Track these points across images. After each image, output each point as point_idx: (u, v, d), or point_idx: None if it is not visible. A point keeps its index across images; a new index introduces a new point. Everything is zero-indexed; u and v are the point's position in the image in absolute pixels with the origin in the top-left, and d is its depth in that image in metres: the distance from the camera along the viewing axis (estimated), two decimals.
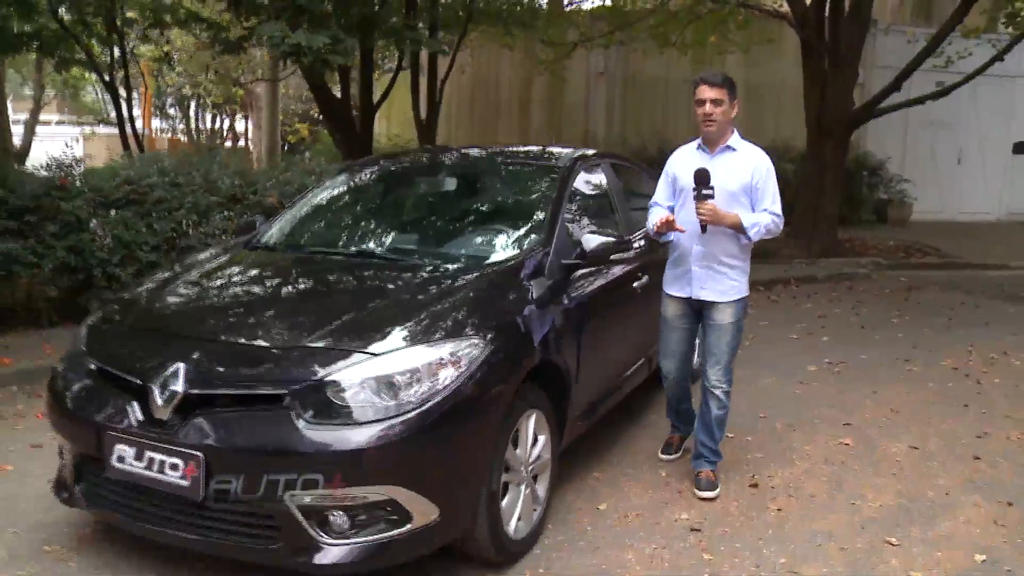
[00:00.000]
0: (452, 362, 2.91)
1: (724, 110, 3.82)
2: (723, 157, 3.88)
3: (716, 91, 3.79)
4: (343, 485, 2.70)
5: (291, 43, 7.19)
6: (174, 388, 2.87)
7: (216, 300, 3.57)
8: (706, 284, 3.88)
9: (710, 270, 3.87)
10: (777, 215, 3.84)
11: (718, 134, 3.87)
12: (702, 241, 3.82)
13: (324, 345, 2.93)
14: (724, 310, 3.89)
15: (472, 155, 4.88)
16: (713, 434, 4.04)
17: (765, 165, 3.87)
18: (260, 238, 4.29)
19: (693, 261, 3.88)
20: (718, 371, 3.97)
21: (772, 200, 3.85)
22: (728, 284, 3.89)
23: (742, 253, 3.92)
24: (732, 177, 3.82)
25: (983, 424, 5.08)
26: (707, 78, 3.84)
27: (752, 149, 3.93)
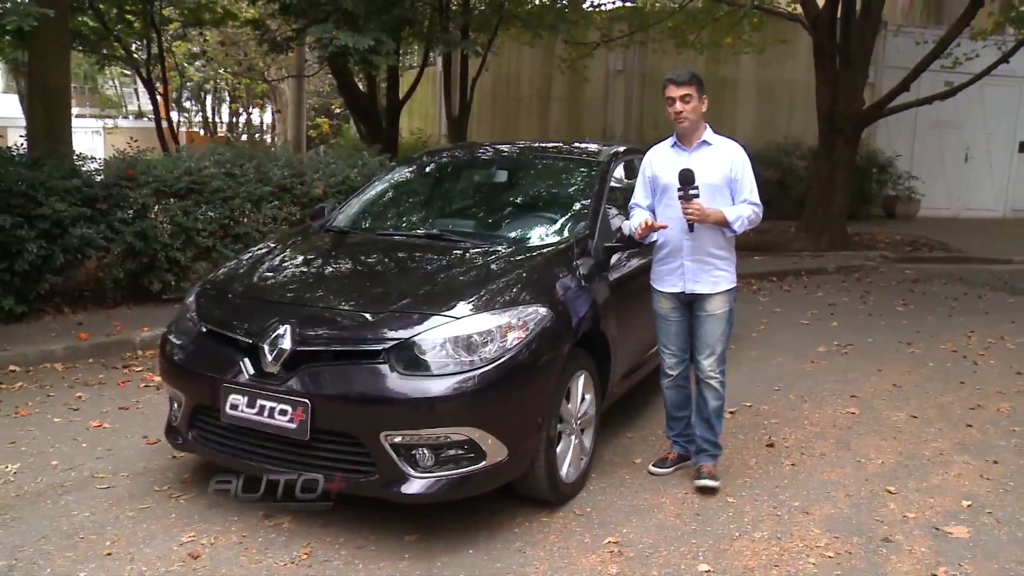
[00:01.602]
0: (519, 326, 3.44)
1: (694, 106, 3.93)
2: (701, 152, 3.99)
3: (684, 88, 3.91)
4: (430, 426, 3.24)
5: (339, 44, 7.71)
6: (283, 346, 3.41)
7: (308, 273, 4.12)
8: (699, 278, 3.95)
9: (701, 263, 3.95)
10: (756, 204, 3.97)
11: (691, 130, 3.97)
12: (691, 236, 3.91)
13: (412, 310, 3.46)
14: (716, 300, 3.97)
15: (520, 150, 5.40)
16: (713, 427, 4.10)
17: (742, 157, 3.99)
18: (332, 222, 4.83)
19: (685, 256, 3.96)
20: (712, 361, 4.01)
21: (751, 190, 3.98)
22: (718, 275, 3.97)
23: (728, 244, 4.03)
24: (713, 171, 3.92)
25: (976, 398, 5.59)
26: (673, 78, 3.96)
27: (727, 142, 4.06)
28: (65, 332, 6.36)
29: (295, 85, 17.71)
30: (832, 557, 3.38)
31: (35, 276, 6.44)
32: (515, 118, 16.58)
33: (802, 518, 3.74)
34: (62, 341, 6.16)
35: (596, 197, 4.51)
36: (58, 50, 7.59)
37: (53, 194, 6.41)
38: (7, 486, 3.93)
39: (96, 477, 4.05)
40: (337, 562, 3.28)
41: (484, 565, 3.28)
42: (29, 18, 5.80)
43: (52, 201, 6.36)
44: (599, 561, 3.32)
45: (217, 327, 3.71)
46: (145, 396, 5.33)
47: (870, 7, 11.26)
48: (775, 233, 12.82)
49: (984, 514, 3.81)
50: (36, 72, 7.79)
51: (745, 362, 6.35)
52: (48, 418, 4.86)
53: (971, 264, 11.94)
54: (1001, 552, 3.46)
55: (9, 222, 6.10)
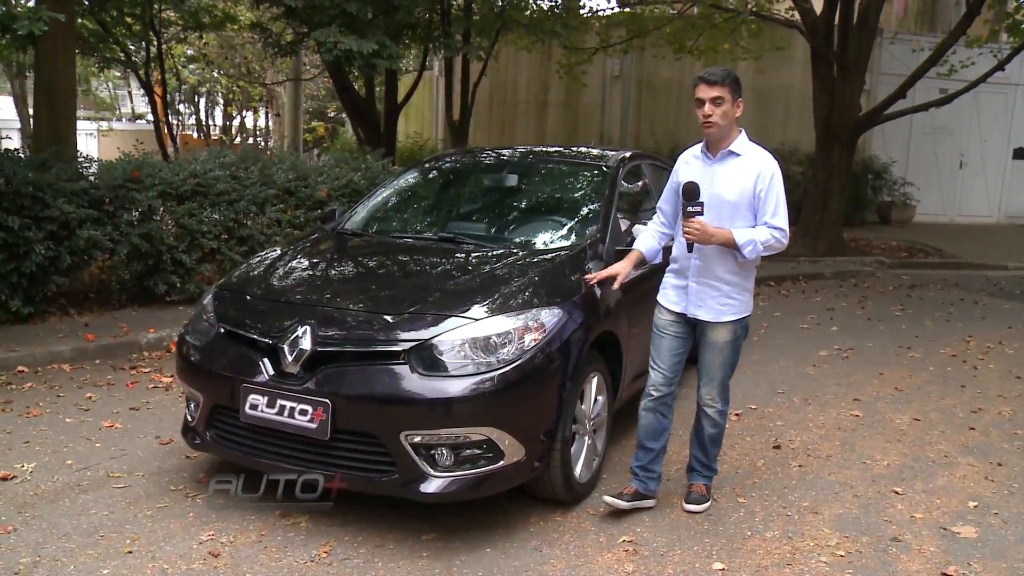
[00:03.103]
0: (536, 327, 3.49)
1: (725, 110, 3.49)
2: (726, 163, 3.59)
3: (716, 89, 3.47)
4: (450, 425, 3.28)
5: (343, 48, 7.76)
6: (303, 346, 3.45)
7: (324, 275, 4.17)
8: (703, 302, 3.63)
9: (707, 287, 3.62)
10: (779, 229, 3.50)
11: (719, 136, 3.56)
12: (696, 256, 3.59)
13: (432, 311, 3.51)
14: (720, 330, 3.65)
15: (529, 154, 5.45)
16: (707, 450, 3.88)
17: (770, 171, 3.52)
18: (344, 225, 4.88)
19: (691, 276, 3.64)
20: (712, 390, 3.76)
21: (774, 211, 3.50)
22: (726, 303, 3.62)
23: (743, 270, 3.63)
24: (732, 185, 3.53)
25: (978, 401, 5.66)
26: (706, 76, 3.52)
27: (759, 153, 3.60)
28: (72, 333, 6.39)
29: (292, 89, 17.74)
30: (843, 556, 3.44)
31: (42, 277, 6.47)
32: (512, 123, 16.66)
33: (812, 518, 3.79)
34: (69, 342, 6.18)
35: (607, 201, 4.56)
36: (64, 53, 7.62)
37: (60, 196, 6.44)
38: (25, 485, 3.95)
39: (112, 476, 4.09)
40: (357, 560, 3.32)
41: (502, 563, 3.33)
42: (40, 23, 5.83)
43: (59, 203, 6.39)
44: (615, 560, 3.37)
45: (236, 328, 3.75)
46: (155, 397, 5.36)
47: (867, 15, 11.39)
48: None
49: (991, 515, 3.87)
50: (43, 74, 7.82)
51: (748, 366, 6.40)
52: (60, 418, 4.88)
53: (966, 270, 12.08)
54: (1009, 551, 3.52)
55: (17, 223, 6.12)
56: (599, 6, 14.12)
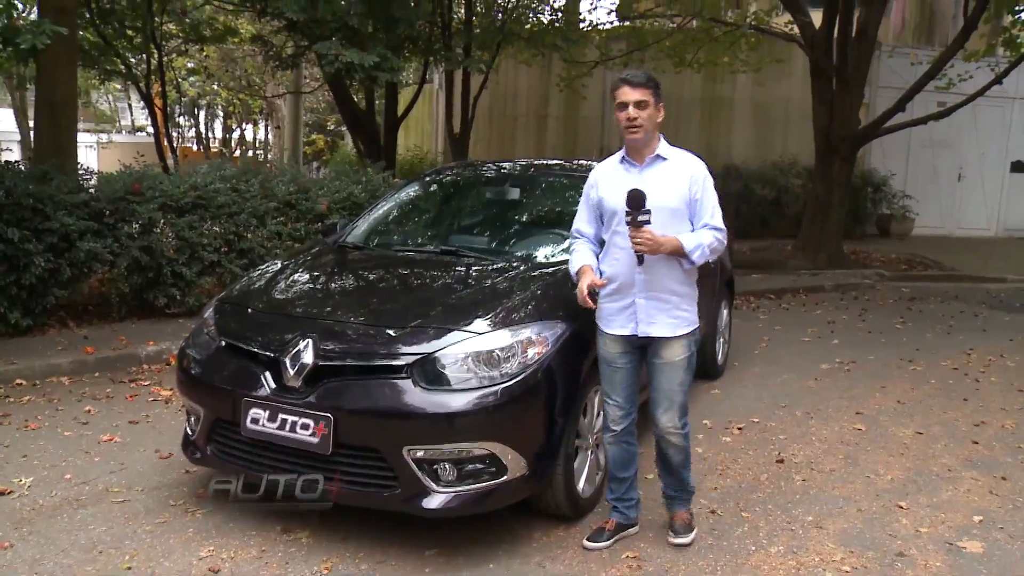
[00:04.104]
0: (540, 341, 3.47)
1: (650, 114, 3.35)
2: (654, 169, 3.42)
3: (640, 92, 3.34)
4: (452, 440, 3.26)
5: (344, 61, 7.78)
6: (305, 360, 3.43)
7: (325, 288, 4.16)
8: (654, 318, 3.39)
9: (657, 301, 3.39)
10: (719, 229, 3.41)
11: (644, 142, 3.40)
12: (642, 270, 3.34)
13: (434, 325, 3.49)
14: (675, 345, 3.42)
15: (529, 167, 5.44)
16: (680, 475, 3.64)
17: (702, 173, 3.43)
18: (345, 238, 4.87)
19: (637, 292, 3.39)
20: (672, 415, 3.47)
21: (712, 213, 3.41)
22: (678, 316, 3.43)
23: (689, 278, 3.47)
24: (669, 191, 3.37)
25: (980, 415, 5.64)
26: (629, 78, 3.38)
27: (685, 156, 3.48)
28: (71, 346, 6.37)
29: (292, 102, 17.77)
30: (849, 571, 3.41)
31: (42, 290, 6.46)
32: (512, 136, 16.69)
33: (816, 533, 3.77)
34: (68, 355, 6.16)
35: None
36: (66, 65, 7.63)
37: (61, 208, 6.43)
38: (23, 499, 3.93)
39: (111, 491, 4.06)
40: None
41: None
42: (43, 36, 5.84)
43: (60, 215, 6.38)
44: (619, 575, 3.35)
45: (237, 341, 3.73)
46: (154, 410, 5.34)
47: (866, 28, 11.42)
48: (772, 251, 12.94)
49: (996, 529, 3.85)
50: (44, 87, 7.83)
51: (749, 379, 6.40)
52: (59, 432, 4.86)
53: (966, 282, 12.06)
54: (1016, 567, 3.49)
55: (17, 235, 6.11)
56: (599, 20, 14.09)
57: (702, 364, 5.85)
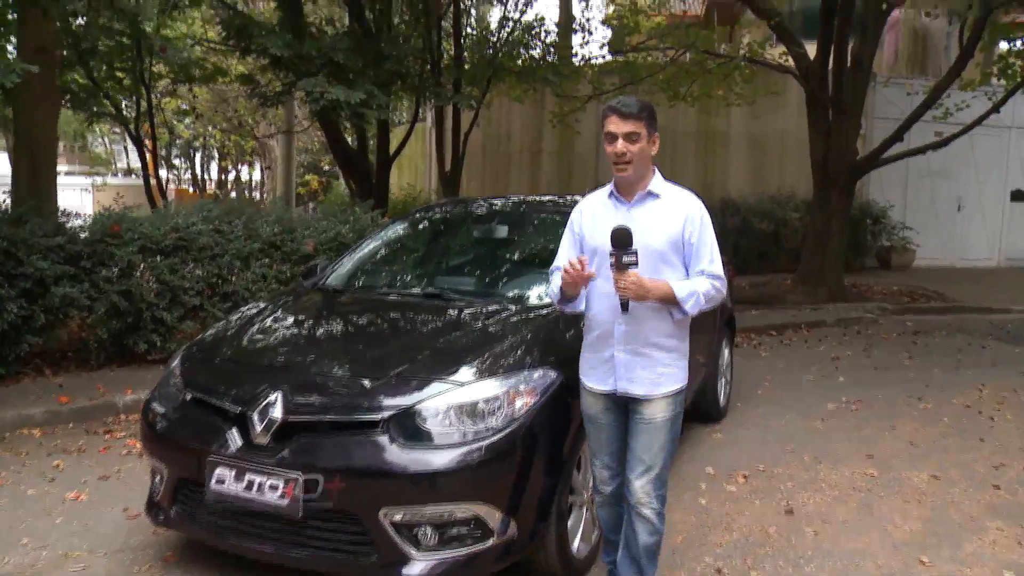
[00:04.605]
0: (528, 391, 3.21)
1: (641, 148, 2.99)
2: (644, 207, 3.05)
3: (631, 123, 2.95)
4: (433, 501, 2.99)
5: (330, 98, 7.60)
6: (273, 415, 3.17)
7: (300, 336, 3.90)
8: (634, 374, 3.01)
9: (638, 356, 3.00)
10: (717, 277, 3.01)
11: (635, 178, 3.03)
12: (625, 319, 2.97)
13: (413, 376, 3.23)
14: (657, 405, 3.02)
15: (518, 204, 5.21)
16: (641, 566, 3.14)
17: (699, 213, 3.04)
18: (326, 281, 4.62)
19: (616, 344, 3.02)
20: (647, 483, 3.02)
21: (710, 259, 3.02)
22: (662, 372, 3.02)
23: (678, 331, 3.06)
24: (657, 231, 2.99)
25: (999, 456, 5.36)
26: (619, 107, 2.99)
27: (680, 194, 3.11)
28: (45, 395, 6.09)
29: (284, 141, 17.65)
30: None
31: (14, 337, 6.20)
32: (505, 172, 16.52)
33: None
34: (41, 405, 5.88)
35: None
36: (46, 106, 7.45)
37: (35, 252, 6.19)
38: None
39: (71, 556, 3.77)
40: None
41: None
42: (12, 75, 5.64)
43: (34, 259, 6.14)
44: None
45: (203, 394, 3.47)
46: (127, 464, 5.05)
47: (861, 57, 11.29)
48: (772, 286, 12.71)
49: None
50: (22, 127, 7.65)
51: (753, 421, 6.12)
52: (22, 489, 4.57)
53: (970, 314, 11.82)
54: None
55: None
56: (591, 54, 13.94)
57: (704, 407, 5.65)
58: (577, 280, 2.93)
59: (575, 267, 2.90)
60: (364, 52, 8.29)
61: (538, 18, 12.46)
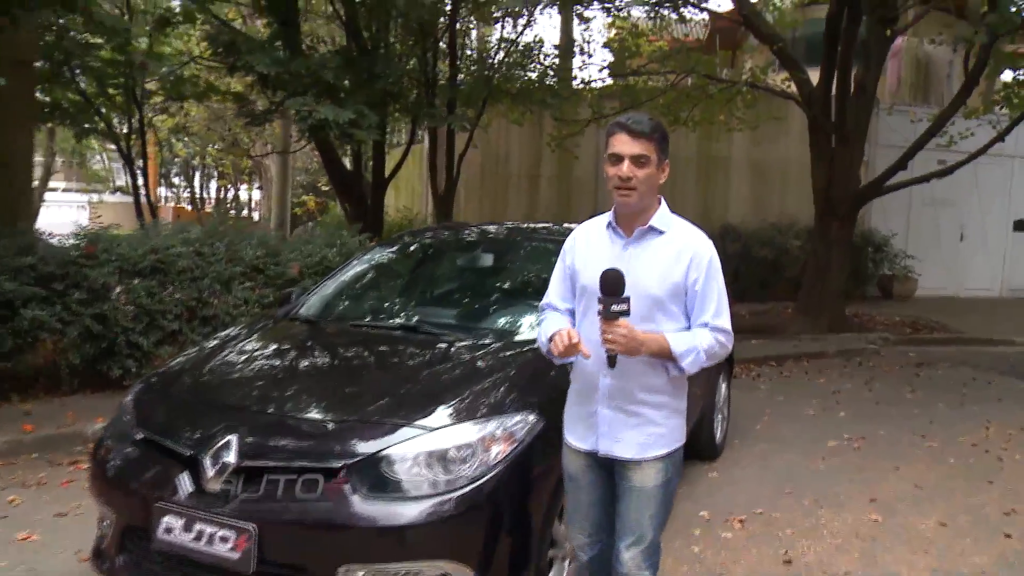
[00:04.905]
0: (505, 437, 2.95)
1: (649, 174, 2.58)
2: (645, 244, 2.65)
3: (641, 144, 2.56)
4: (398, 558, 2.72)
5: (318, 117, 7.38)
6: (227, 460, 2.90)
7: (264, 372, 3.63)
8: (619, 434, 2.64)
9: (624, 414, 2.63)
10: (723, 331, 2.63)
11: (638, 207, 2.64)
12: (611, 373, 2.58)
13: (380, 419, 2.98)
14: (646, 470, 2.65)
15: (508, 231, 4.97)
16: None
17: (707, 256, 2.63)
18: (299, 309, 4.36)
19: (600, 400, 2.65)
20: (636, 554, 2.67)
21: (716, 310, 2.62)
22: (652, 433, 2.64)
23: (673, 388, 2.68)
24: (655, 274, 2.61)
25: (1010, 501, 5.08)
26: (629, 124, 2.58)
27: (689, 231, 2.70)
28: (9, 423, 5.82)
29: (280, 161, 17.46)
30: None
31: None
32: (504, 197, 16.31)
33: None
34: (3, 434, 5.61)
35: None
36: (20, 121, 7.21)
37: (2, 273, 5.95)
38: None
39: None
40: None
41: None
42: None
43: (1, 280, 5.89)
44: None
45: (154, 434, 3.20)
46: (87, 500, 4.68)
47: (864, 84, 11.09)
48: (772, 314, 12.47)
49: None
50: None
51: (751, 460, 5.85)
52: None
53: (973, 346, 11.56)
54: None
55: None
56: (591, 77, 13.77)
57: (699, 444, 5.38)
58: (568, 354, 2.55)
59: (564, 341, 2.51)
60: (356, 71, 8.09)
61: (536, 40, 12.29)
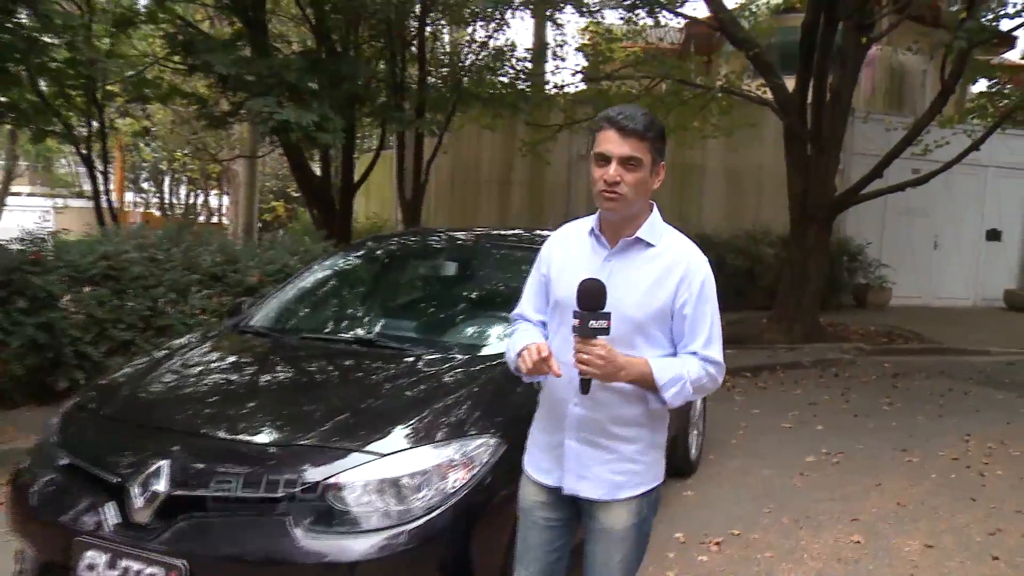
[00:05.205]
0: (463, 463, 2.70)
1: (641, 178, 2.22)
2: (630, 258, 2.31)
3: (633, 144, 2.19)
4: None
5: (279, 119, 7.10)
6: (156, 488, 2.63)
7: (204, 390, 3.34)
8: (587, 470, 2.29)
9: (594, 448, 2.29)
10: (714, 363, 2.32)
11: (627, 215, 2.28)
12: (583, 400, 2.23)
13: (326, 444, 2.72)
14: (616, 511, 2.31)
15: (475, 238, 4.72)
16: None
17: (700, 275, 2.29)
18: (250, 321, 4.08)
19: (568, 430, 2.30)
20: None
21: (708, 338, 2.30)
22: (625, 470, 2.30)
23: (652, 420, 2.33)
24: (639, 294, 2.26)
25: (995, 520, 4.90)
26: (620, 120, 2.20)
27: (680, 245, 2.35)
28: None
29: (248, 166, 17.08)
30: None
31: None
32: (474, 203, 16.07)
33: None
34: None
35: None
36: None
37: None
38: None
39: None
40: None
41: None
42: None
43: None
44: None
45: (79, 459, 2.91)
46: None
47: (840, 92, 10.98)
48: (747, 324, 12.28)
49: None
50: None
51: (727, 476, 5.63)
52: None
53: (949, 356, 11.46)
54: None
55: None
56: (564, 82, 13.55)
57: (674, 461, 5.14)
58: (537, 371, 2.20)
59: (533, 356, 2.17)
60: (322, 72, 7.81)
61: (509, 43, 12.07)
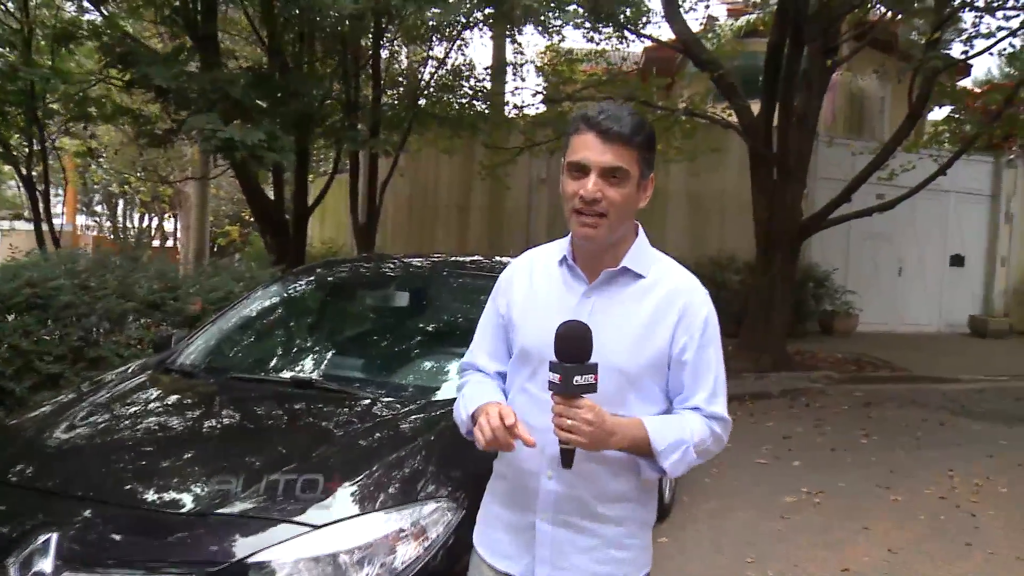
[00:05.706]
0: (415, 533, 2.27)
1: (627, 195, 1.80)
2: (614, 294, 1.86)
3: (617, 151, 1.76)
4: None
5: (223, 137, 6.64)
6: (40, 568, 2.16)
7: (111, 444, 2.86)
8: (566, 559, 1.83)
9: (574, 531, 1.83)
10: (721, 420, 1.85)
11: (606, 241, 1.84)
12: (563, 474, 1.77)
13: (250, 512, 2.28)
14: None
15: (432, 265, 4.30)
16: None
17: (702, 313, 1.85)
18: (177, 358, 3.61)
19: (541, 510, 1.83)
20: None
21: (713, 390, 1.84)
22: (611, 558, 1.83)
23: (641, 495, 1.87)
24: (629, 339, 1.81)
25: (992, 567, 4.58)
26: (602, 121, 1.77)
27: (675, 275, 1.91)
28: None
29: (199, 188, 16.48)
30: None
31: None
32: (432, 228, 15.66)
33: None
34: None
35: None
36: None
37: None
38: None
39: None
40: None
41: None
42: None
43: None
44: None
45: None
46: None
47: (805, 115, 10.79)
48: None
49: None
50: None
51: (703, 519, 5.24)
52: None
53: (919, 383, 11.29)
54: None
55: None
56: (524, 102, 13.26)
57: None
58: (499, 444, 1.70)
59: (493, 423, 1.69)
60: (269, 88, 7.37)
61: (468, 62, 11.73)
